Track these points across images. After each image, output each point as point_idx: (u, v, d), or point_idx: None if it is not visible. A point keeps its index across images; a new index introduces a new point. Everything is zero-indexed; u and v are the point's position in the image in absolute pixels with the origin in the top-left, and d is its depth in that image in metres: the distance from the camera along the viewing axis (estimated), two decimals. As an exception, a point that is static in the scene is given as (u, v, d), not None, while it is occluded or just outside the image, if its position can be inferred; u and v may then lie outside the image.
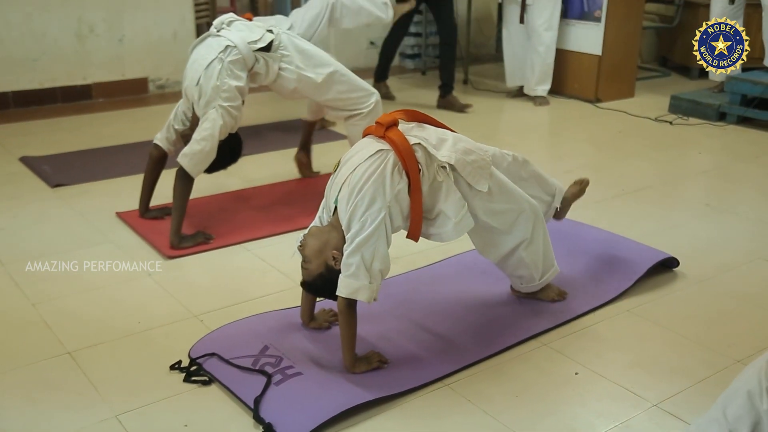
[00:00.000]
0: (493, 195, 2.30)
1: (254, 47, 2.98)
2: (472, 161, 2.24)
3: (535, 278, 2.52)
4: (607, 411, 2.08)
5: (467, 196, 2.25)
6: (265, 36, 3.01)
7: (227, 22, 3.04)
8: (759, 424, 1.48)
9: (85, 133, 4.64)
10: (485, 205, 2.30)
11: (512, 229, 2.40)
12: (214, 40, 2.99)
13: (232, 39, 2.96)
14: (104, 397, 2.11)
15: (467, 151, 2.25)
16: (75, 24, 5.18)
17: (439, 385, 2.18)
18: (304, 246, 2.17)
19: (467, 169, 2.22)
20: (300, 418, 1.97)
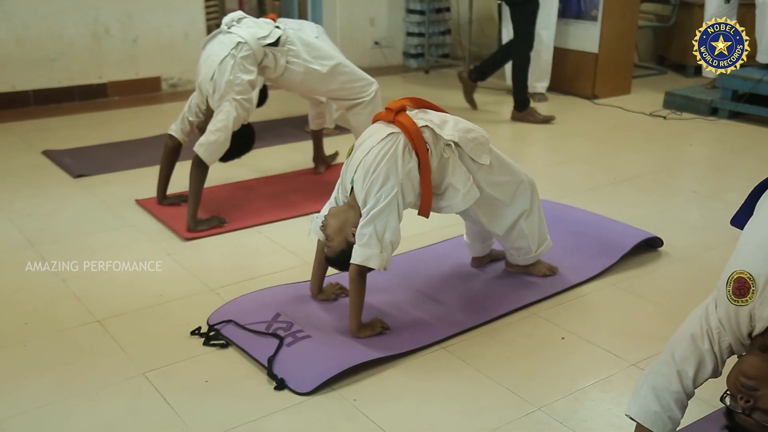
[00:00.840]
0: (494, 168, 2.51)
1: (263, 42, 3.19)
2: (473, 138, 2.46)
3: (531, 249, 2.71)
4: (589, 369, 2.28)
5: (472, 170, 2.46)
6: (273, 32, 3.23)
7: (237, 20, 3.26)
8: (702, 362, 1.68)
9: (103, 128, 4.86)
10: (488, 178, 2.50)
11: (513, 200, 2.60)
12: (225, 37, 3.20)
13: (242, 36, 3.16)
14: (132, 358, 2.32)
15: (468, 130, 2.47)
16: (91, 25, 5.41)
17: (436, 347, 2.39)
18: (326, 226, 2.37)
19: (470, 146, 2.43)
20: (309, 374, 2.18)
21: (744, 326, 1.61)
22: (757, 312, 1.57)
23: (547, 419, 2.05)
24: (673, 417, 1.70)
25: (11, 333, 2.45)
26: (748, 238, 1.69)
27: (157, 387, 2.17)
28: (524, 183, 2.62)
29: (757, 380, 1.56)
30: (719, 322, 1.66)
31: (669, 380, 1.70)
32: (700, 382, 1.71)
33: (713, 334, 1.67)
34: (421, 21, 6.75)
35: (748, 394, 1.57)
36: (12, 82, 5.20)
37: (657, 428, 1.70)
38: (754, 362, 1.59)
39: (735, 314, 1.61)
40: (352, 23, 6.70)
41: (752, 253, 1.62)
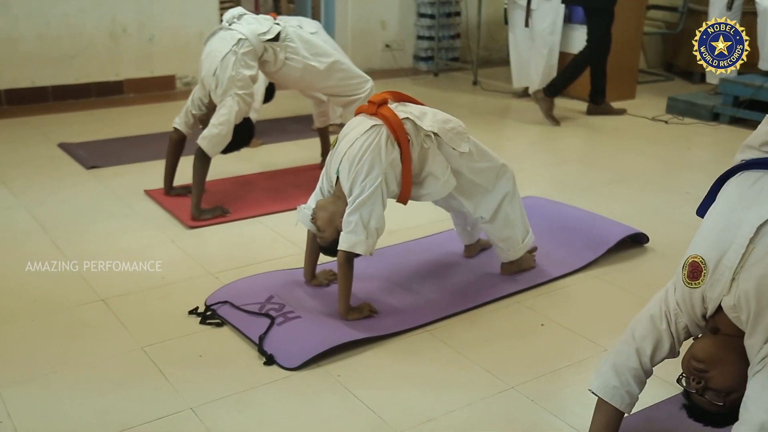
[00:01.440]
0: (474, 155, 2.63)
1: (264, 38, 3.33)
2: (451, 128, 2.57)
3: (518, 239, 2.80)
4: (564, 353, 2.39)
5: (453, 159, 2.57)
6: (273, 28, 3.36)
7: (238, 16, 3.40)
8: (660, 342, 1.78)
9: (117, 123, 5.03)
10: (469, 165, 2.62)
11: (496, 184, 2.71)
12: (227, 33, 3.34)
13: (243, 32, 3.30)
14: (132, 333, 2.46)
15: (446, 121, 2.59)
16: (109, 24, 5.59)
17: (419, 330, 2.51)
18: (316, 219, 2.50)
19: (448, 135, 2.55)
20: (297, 350, 2.31)
21: (698, 308, 1.71)
22: (708, 294, 1.67)
23: (519, 396, 2.16)
24: (631, 392, 1.80)
25: (21, 309, 2.60)
26: (705, 224, 1.79)
27: (154, 360, 2.31)
28: (504, 166, 2.73)
29: (706, 363, 1.67)
30: (676, 304, 1.76)
31: (628, 357, 1.81)
32: (657, 361, 1.81)
33: (671, 316, 1.77)
34: (432, 25, 6.88)
35: (699, 376, 1.68)
36: (32, 78, 5.39)
37: (615, 402, 1.80)
38: (703, 346, 1.69)
39: (690, 296, 1.71)
40: (363, 26, 6.84)
41: (705, 239, 1.72)
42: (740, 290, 1.60)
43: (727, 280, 1.62)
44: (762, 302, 1.58)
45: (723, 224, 1.69)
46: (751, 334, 1.62)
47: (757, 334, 1.60)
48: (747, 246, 1.61)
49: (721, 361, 1.66)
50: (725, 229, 1.67)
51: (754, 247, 1.60)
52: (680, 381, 1.73)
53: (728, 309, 1.64)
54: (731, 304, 1.63)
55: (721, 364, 1.66)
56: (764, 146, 1.79)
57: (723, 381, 1.66)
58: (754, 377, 1.60)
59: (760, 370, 1.59)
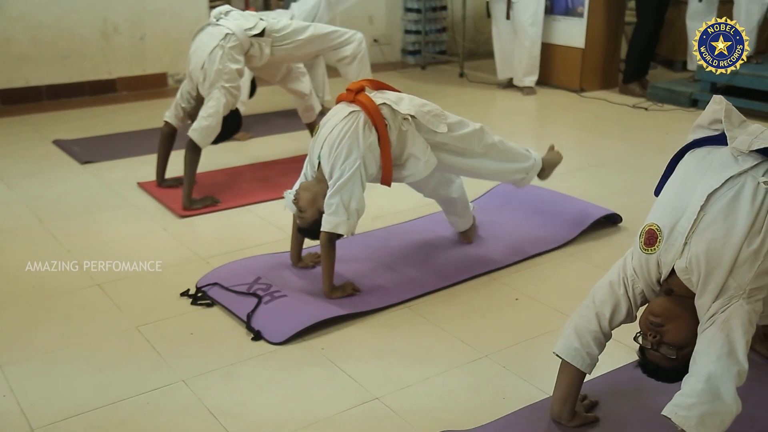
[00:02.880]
0: (453, 126, 2.74)
1: (250, 33, 3.47)
2: (428, 111, 2.70)
3: (526, 167, 2.95)
4: (536, 324, 2.52)
5: (435, 138, 2.69)
6: (258, 23, 3.51)
7: (225, 12, 3.54)
8: (618, 306, 1.91)
9: (111, 121, 5.15)
10: (452, 135, 2.72)
11: (482, 142, 2.80)
12: (214, 29, 3.47)
13: (230, 27, 3.44)
14: (126, 315, 2.59)
15: (422, 104, 2.72)
16: (101, 24, 5.71)
17: (400, 306, 2.64)
18: (299, 199, 2.63)
19: (426, 117, 2.68)
20: (283, 326, 2.44)
21: (653, 273, 1.85)
22: (662, 258, 1.81)
23: (491, 364, 2.30)
24: (591, 353, 1.94)
25: (20, 294, 2.73)
26: (661, 197, 1.92)
27: (148, 338, 2.44)
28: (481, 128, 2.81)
29: (662, 317, 1.80)
30: (633, 271, 1.89)
31: (589, 321, 1.94)
32: (615, 324, 1.94)
33: (628, 281, 1.91)
34: (419, 19, 7.00)
35: (655, 331, 1.81)
36: (26, 77, 5.51)
37: (576, 362, 1.94)
38: (660, 302, 1.83)
39: (646, 262, 1.85)
40: (351, 21, 6.91)
41: (661, 209, 1.86)
42: (691, 254, 1.74)
43: (680, 245, 1.76)
44: (711, 264, 1.72)
45: (677, 195, 1.83)
46: (701, 294, 1.75)
47: (707, 294, 1.74)
48: (698, 213, 1.74)
49: (676, 316, 1.79)
50: (679, 199, 1.80)
51: (705, 214, 1.74)
52: (637, 338, 1.85)
53: (680, 272, 1.78)
54: (683, 266, 1.76)
55: (676, 319, 1.79)
56: (713, 124, 1.93)
57: (676, 335, 1.79)
58: (703, 333, 1.73)
59: (708, 328, 1.73)
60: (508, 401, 2.11)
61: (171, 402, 2.12)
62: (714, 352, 1.68)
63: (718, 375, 1.64)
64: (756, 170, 1.74)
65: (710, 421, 1.63)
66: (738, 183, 1.73)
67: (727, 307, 1.70)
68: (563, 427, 1.98)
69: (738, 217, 1.70)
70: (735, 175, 1.74)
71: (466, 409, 2.09)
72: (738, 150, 1.77)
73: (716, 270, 1.71)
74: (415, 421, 2.03)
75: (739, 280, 1.70)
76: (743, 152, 1.76)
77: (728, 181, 1.74)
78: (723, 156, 1.80)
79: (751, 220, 1.69)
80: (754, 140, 1.77)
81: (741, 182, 1.73)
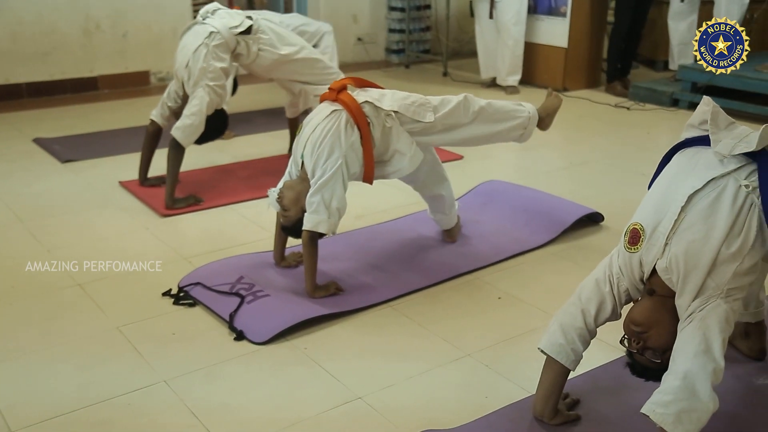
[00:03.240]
0: (438, 110, 2.72)
1: (235, 32, 3.45)
2: (412, 102, 2.70)
3: (522, 122, 2.89)
4: (518, 323, 2.53)
5: (423, 129, 2.68)
6: (244, 21, 3.49)
7: (211, 11, 3.52)
8: (603, 303, 1.93)
9: (92, 119, 5.11)
10: (439, 116, 2.70)
11: (468, 110, 2.77)
12: (200, 28, 3.46)
13: (215, 26, 3.43)
14: (108, 315, 2.58)
15: (405, 97, 2.72)
16: (82, 21, 5.66)
17: (383, 306, 2.64)
18: (283, 198, 2.62)
19: (411, 109, 2.68)
20: (266, 326, 2.43)
21: (636, 272, 1.86)
22: (644, 258, 1.82)
23: (474, 363, 2.30)
24: (575, 350, 1.95)
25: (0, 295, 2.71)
26: (647, 196, 1.94)
27: (129, 338, 2.43)
28: (464, 99, 2.78)
29: (643, 326, 1.82)
30: (619, 269, 1.91)
31: (574, 318, 1.95)
32: (601, 322, 1.96)
33: (613, 279, 1.92)
34: (403, 18, 7.00)
35: (638, 337, 1.83)
36: (6, 75, 5.45)
37: (561, 358, 1.95)
38: (640, 309, 1.85)
39: (629, 261, 1.86)
40: (335, 20, 6.91)
41: (645, 208, 1.88)
42: (671, 254, 1.75)
43: (661, 245, 1.77)
44: (690, 264, 1.73)
45: (661, 195, 1.84)
46: (681, 293, 1.77)
47: (686, 293, 1.76)
48: (679, 213, 1.76)
49: (656, 322, 1.81)
50: (663, 199, 1.82)
51: (686, 215, 1.76)
52: (623, 342, 1.87)
53: (661, 271, 1.79)
54: (664, 266, 1.78)
55: (657, 325, 1.81)
56: (702, 125, 1.95)
57: (658, 340, 1.81)
58: (682, 332, 1.75)
59: (686, 326, 1.75)
60: (490, 400, 2.12)
61: (153, 402, 2.11)
62: (691, 350, 1.70)
63: (694, 373, 1.66)
64: (739, 173, 1.76)
65: (687, 419, 1.65)
66: (720, 185, 1.75)
67: (705, 306, 1.72)
68: (545, 425, 1.99)
69: (718, 219, 1.72)
70: (718, 176, 1.76)
71: (449, 408, 2.09)
72: (720, 154, 1.78)
73: (695, 270, 1.73)
74: (398, 421, 2.03)
75: (718, 280, 1.71)
76: (726, 156, 1.78)
77: (710, 183, 1.75)
78: (708, 157, 1.82)
79: (730, 223, 1.71)
80: (737, 144, 1.79)
81: (723, 184, 1.75)
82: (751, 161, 1.77)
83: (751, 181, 1.74)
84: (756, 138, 1.76)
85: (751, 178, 1.74)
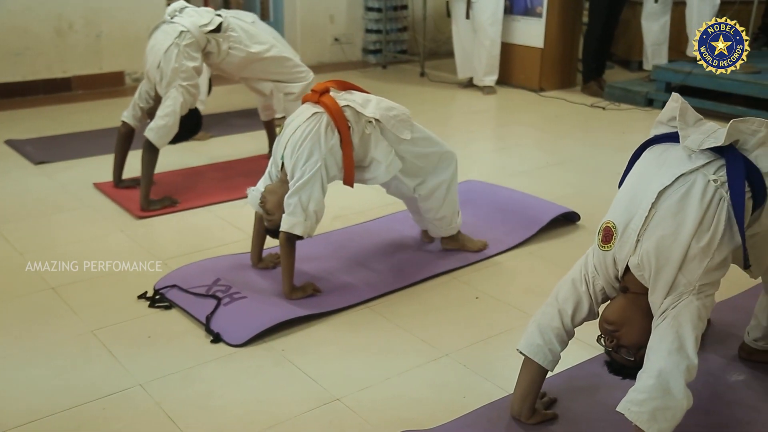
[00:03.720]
0: (418, 141, 2.75)
1: (205, 30, 3.42)
2: (395, 116, 2.70)
3: (452, 220, 2.95)
4: (496, 323, 2.54)
5: (395, 144, 2.70)
6: (214, 19, 3.46)
7: (179, 9, 3.48)
8: (580, 303, 1.94)
9: (66, 120, 5.05)
10: (412, 150, 2.74)
11: (437, 168, 2.84)
12: (169, 27, 3.42)
13: (185, 24, 3.39)
14: (82, 318, 2.54)
15: (389, 108, 2.72)
16: (55, 21, 5.59)
17: (361, 306, 2.64)
18: (266, 202, 2.62)
19: (391, 122, 2.68)
20: (242, 328, 2.42)
21: (611, 270, 1.87)
22: (617, 255, 1.83)
23: (452, 363, 2.31)
24: (553, 350, 1.96)
25: (-29, 299, 2.67)
26: (619, 194, 1.95)
27: (104, 342, 2.40)
28: (447, 153, 2.86)
29: (616, 324, 1.83)
30: (594, 268, 1.92)
31: (552, 318, 1.96)
32: (578, 321, 1.97)
33: (589, 278, 1.93)
34: (379, 18, 7.01)
35: (611, 336, 1.84)
36: (-23, 76, 5.38)
37: (539, 359, 1.95)
38: (613, 308, 1.86)
39: (604, 259, 1.87)
40: (312, 20, 6.94)
41: (617, 206, 1.88)
42: (643, 250, 1.77)
43: (633, 242, 1.78)
44: (661, 260, 1.75)
45: (632, 192, 1.85)
46: (653, 290, 1.78)
47: (658, 290, 1.77)
48: (650, 210, 1.77)
49: (628, 320, 1.83)
50: (634, 197, 1.83)
51: (656, 211, 1.77)
52: (599, 340, 1.89)
53: (634, 268, 1.80)
54: (636, 263, 1.79)
55: (629, 323, 1.82)
56: (671, 121, 1.96)
57: (631, 338, 1.82)
58: (655, 329, 1.77)
59: (660, 324, 1.76)
60: (468, 400, 2.12)
61: (128, 407, 2.09)
62: (664, 347, 1.71)
63: (668, 371, 1.67)
64: (707, 168, 1.77)
65: (662, 416, 1.66)
66: (689, 181, 1.76)
67: (677, 303, 1.73)
68: (523, 424, 2.00)
69: (687, 214, 1.73)
70: (686, 172, 1.77)
71: (427, 408, 2.09)
72: (689, 149, 1.80)
73: (666, 266, 1.74)
74: (376, 422, 2.03)
75: (689, 276, 1.73)
76: (695, 151, 1.79)
77: (679, 179, 1.76)
78: (677, 153, 1.83)
79: (699, 218, 1.72)
80: (705, 139, 1.80)
81: (692, 180, 1.76)
82: (719, 157, 1.78)
83: (720, 176, 1.75)
84: (724, 133, 1.77)
85: (720, 173, 1.76)
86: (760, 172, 1.78)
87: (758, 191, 1.78)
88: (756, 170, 1.78)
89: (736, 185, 1.74)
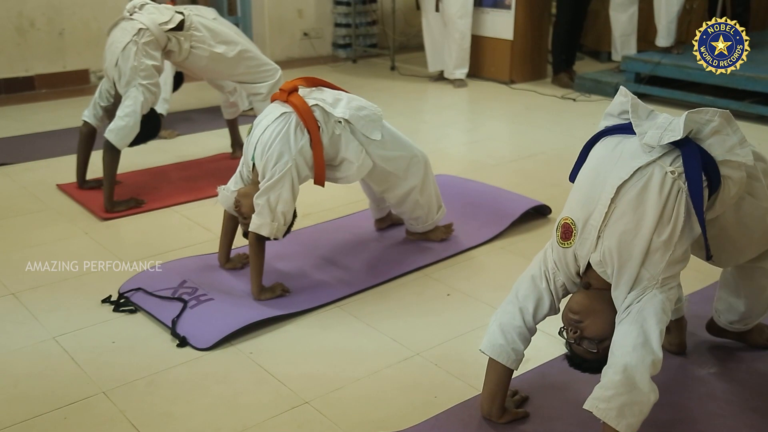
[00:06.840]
0: (387, 143, 2.72)
1: (165, 28, 3.33)
2: (365, 116, 2.66)
3: (429, 218, 2.94)
4: (468, 319, 2.51)
5: (364, 145, 2.66)
6: (174, 17, 3.37)
7: (139, 6, 3.38)
8: (541, 300, 1.91)
9: (29, 120, 4.93)
10: (381, 152, 2.70)
11: (407, 173, 2.81)
12: (127, 24, 3.33)
13: (144, 22, 3.29)
14: (43, 324, 2.47)
15: (360, 108, 2.67)
16: (15, 19, 5.45)
17: (331, 306, 2.59)
18: (240, 206, 2.57)
19: (361, 122, 2.63)
20: (209, 331, 2.37)
21: (571, 266, 1.85)
22: (578, 252, 1.81)
23: (423, 362, 2.28)
24: (516, 349, 1.93)
25: (-73, 307, 2.58)
26: (575, 188, 1.91)
27: (66, 349, 2.33)
28: (417, 157, 2.83)
29: (580, 314, 1.81)
30: (554, 264, 1.89)
31: (513, 317, 1.94)
32: (539, 318, 1.94)
33: (549, 275, 1.90)
34: (349, 12, 6.95)
35: (575, 327, 1.81)
36: (-64, 76, 5.24)
37: (503, 359, 1.93)
38: (578, 299, 1.84)
39: (564, 256, 1.85)
40: (280, 15, 6.85)
41: (574, 202, 1.85)
42: (604, 247, 1.74)
43: (594, 239, 1.76)
44: (623, 256, 1.72)
45: (589, 187, 1.82)
46: (616, 286, 1.76)
47: (621, 285, 1.75)
48: (609, 206, 1.74)
49: (593, 311, 1.80)
50: (591, 192, 1.80)
51: (616, 206, 1.74)
52: (561, 333, 1.86)
53: (596, 265, 1.78)
54: (597, 260, 1.77)
55: (593, 314, 1.80)
56: (623, 114, 1.92)
57: (595, 330, 1.80)
58: (620, 325, 1.75)
59: (624, 319, 1.74)
60: (439, 399, 2.09)
61: (90, 415, 2.03)
62: (629, 342, 1.69)
63: (633, 366, 1.66)
64: (664, 160, 1.74)
65: (629, 412, 1.64)
66: (646, 173, 1.73)
67: (641, 297, 1.72)
68: (494, 424, 1.97)
69: (647, 208, 1.71)
70: (643, 165, 1.73)
71: (398, 409, 2.06)
72: (649, 146, 1.76)
73: (629, 262, 1.72)
74: (346, 425, 1.99)
75: (652, 270, 1.71)
76: (655, 147, 1.76)
77: (637, 172, 1.73)
78: (632, 146, 1.79)
79: (659, 211, 1.70)
80: (663, 133, 1.77)
81: (649, 172, 1.73)
82: (674, 147, 1.76)
83: (677, 167, 1.72)
84: (681, 125, 1.75)
85: (676, 164, 1.73)
86: (714, 160, 1.77)
87: (713, 180, 1.77)
88: (710, 159, 1.76)
89: (694, 177, 1.71)
